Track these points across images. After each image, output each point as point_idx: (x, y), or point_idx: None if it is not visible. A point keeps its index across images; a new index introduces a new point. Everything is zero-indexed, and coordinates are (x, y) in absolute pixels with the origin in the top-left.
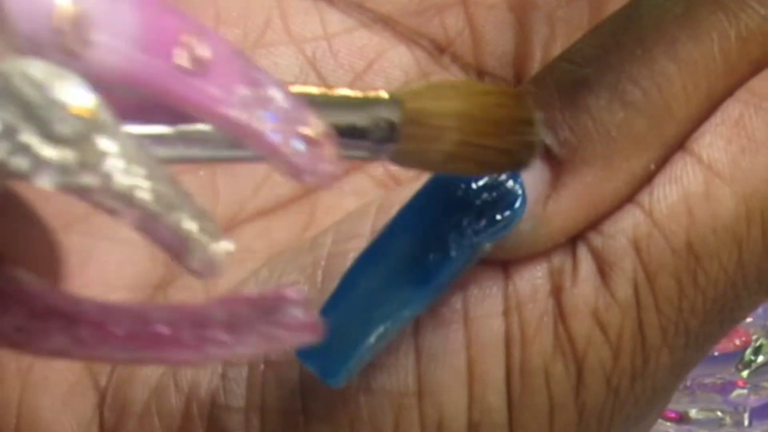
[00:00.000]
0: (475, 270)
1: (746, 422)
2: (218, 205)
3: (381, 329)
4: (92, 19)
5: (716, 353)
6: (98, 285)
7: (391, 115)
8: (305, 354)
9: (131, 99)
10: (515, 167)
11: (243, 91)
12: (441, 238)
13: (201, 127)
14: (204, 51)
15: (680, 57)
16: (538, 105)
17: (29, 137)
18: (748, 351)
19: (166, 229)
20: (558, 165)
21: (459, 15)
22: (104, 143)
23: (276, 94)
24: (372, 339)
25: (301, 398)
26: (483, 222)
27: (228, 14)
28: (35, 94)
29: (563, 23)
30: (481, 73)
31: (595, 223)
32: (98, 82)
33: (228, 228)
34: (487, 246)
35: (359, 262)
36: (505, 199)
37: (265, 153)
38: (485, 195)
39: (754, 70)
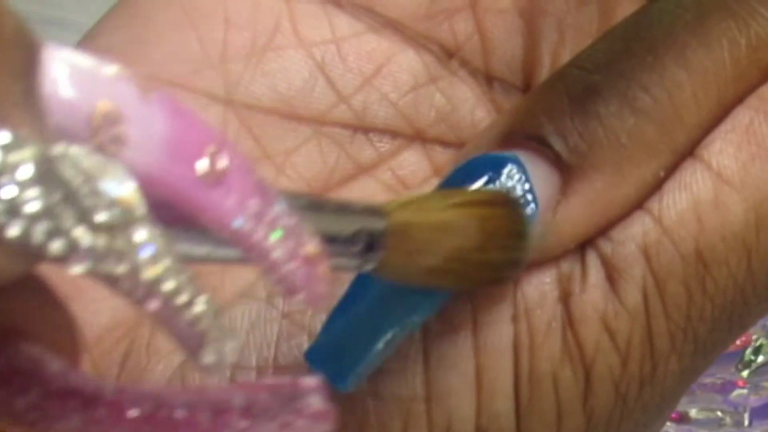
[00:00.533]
0: None
1: (746, 422)
2: None
3: (389, 335)
4: (127, 119)
5: None
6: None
7: (376, 225)
8: (314, 359)
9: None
10: (497, 282)
11: (254, 205)
12: None
13: None
14: (223, 162)
15: (691, 64)
16: (548, 111)
17: (69, 222)
18: (748, 351)
19: (184, 323)
20: (568, 171)
21: (468, 20)
22: (138, 233)
23: (281, 211)
24: (381, 344)
25: None
26: None
27: (237, 18)
28: (80, 180)
29: (572, 29)
30: (489, 79)
31: (604, 230)
32: None
33: None
34: None
35: None
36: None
37: (266, 267)
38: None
39: (764, 78)
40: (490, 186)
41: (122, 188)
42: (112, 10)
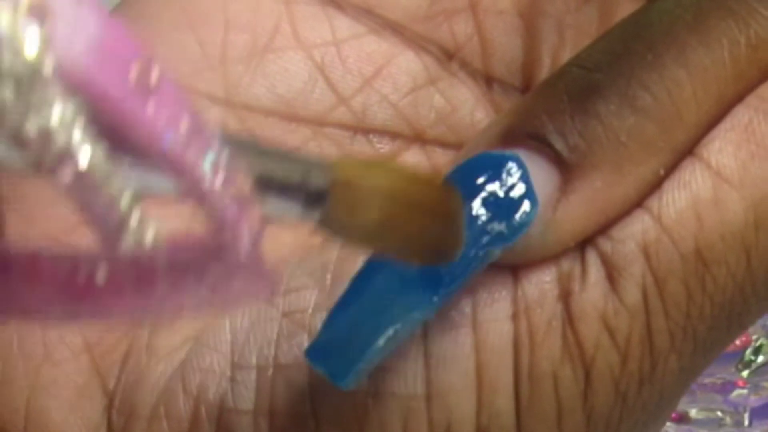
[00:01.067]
0: (484, 274)
1: (746, 422)
2: None
3: (390, 332)
4: (56, 15)
5: None
6: None
7: (319, 178)
8: (314, 356)
9: None
10: (433, 260)
11: (186, 125)
12: None
13: None
14: (154, 75)
15: (690, 63)
16: (548, 110)
17: None
18: (748, 351)
19: (101, 201)
20: (568, 170)
21: (468, 21)
22: (49, 91)
23: (215, 141)
24: (381, 342)
25: (310, 401)
26: (493, 227)
27: (237, 19)
28: None
29: (572, 30)
30: (489, 80)
31: (604, 228)
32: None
33: None
34: (497, 251)
35: (368, 265)
36: (515, 205)
37: (196, 197)
38: (495, 200)
39: (765, 77)
40: (490, 185)
41: (30, 40)
42: (113, 11)
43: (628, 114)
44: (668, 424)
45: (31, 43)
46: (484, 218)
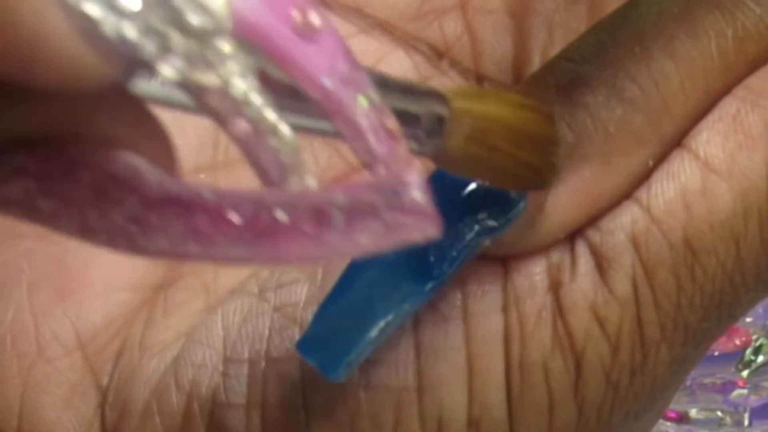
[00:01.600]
0: (474, 266)
1: (746, 422)
2: None
3: (381, 324)
4: None
5: (716, 353)
6: (99, 286)
7: (441, 109)
8: (306, 348)
9: None
10: (538, 186)
11: (344, 68)
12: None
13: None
14: (315, 19)
15: (678, 54)
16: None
17: (160, 23)
18: (748, 351)
19: (269, 149)
20: None
21: (458, 20)
22: (228, 45)
23: (368, 82)
24: (372, 333)
25: (302, 394)
26: (483, 218)
27: None
28: None
29: (562, 28)
30: (480, 78)
31: (593, 220)
32: None
33: None
34: (487, 242)
35: (359, 258)
36: (505, 196)
37: (349, 134)
38: (485, 191)
39: (752, 69)
40: None
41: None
42: None
43: (616, 105)
44: (668, 424)
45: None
46: (473, 209)
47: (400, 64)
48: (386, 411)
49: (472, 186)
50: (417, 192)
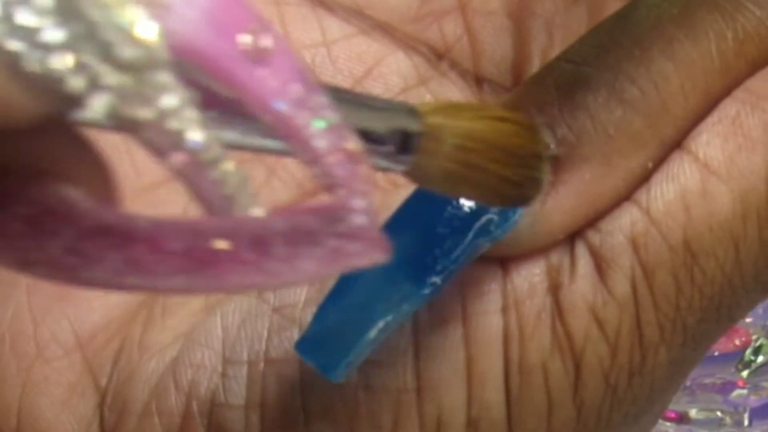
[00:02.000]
0: (473, 267)
1: (746, 422)
2: None
3: (380, 324)
4: None
5: (716, 353)
6: (97, 297)
7: (411, 125)
8: (305, 349)
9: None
10: (521, 202)
11: (298, 90)
12: (440, 235)
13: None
14: (267, 42)
15: (678, 56)
16: (537, 103)
17: (89, 57)
18: (748, 351)
19: (210, 182)
20: (556, 163)
21: (457, 21)
22: (163, 78)
23: (324, 102)
24: (371, 334)
25: (301, 395)
26: (483, 220)
27: None
28: (101, 15)
29: (562, 30)
30: (479, 80)
31: (593, 221)
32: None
33: None
34: (486, 243)
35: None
36: None
37: (306, 158)
38: None
39: (752, 71)
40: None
41: (146, 27)
42: None
43: (616, 107)
44: (668, 424)
45: (147, 31)
46: (473, 211)
47: (399, 66)
48: (385, 412)
49: None
50: (361, 217)
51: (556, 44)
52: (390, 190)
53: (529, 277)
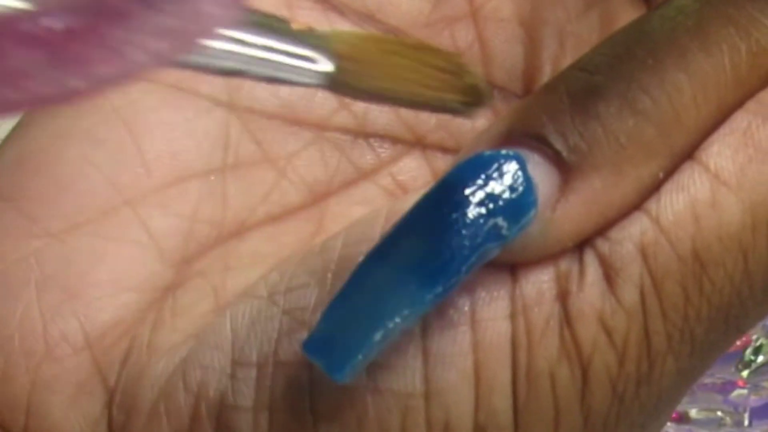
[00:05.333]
0: (482, 272)
1: (746, 422)
2: (228, 210)
3: (388, 326)
4: None
5: None
6: (108, 286)
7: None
8: (312, 348)
9: None
10: (465, 101)
11: None
12: (449, 239)
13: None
14: None
15: (691, 68)
16: (549, 111)
17: None
18: (748, 351)
19: None
20: (567, 170)
21: (469, 28)
22: None
23: None
24: (378, 336)
25: (310, 398)
26: (493, 225)
27: None
28: None
29: (573, 38)
30: (490, 86)
31: (602, 230)
32: None
33: (237, 233)
34: (495, 249)
35: (368, 259)
36: (514, 203)
37: None
38: (494, 198)
39: (765, 84)
40: (490, 183)
41: None
42: None
43: (628, 116)
44: (668, 424)
45: None
46: (483, 216)
47: None
48: (393, 416)
49: (482, 193)
50: None
51: (567, 52)
52: (399, 196)
53: (538, 283)
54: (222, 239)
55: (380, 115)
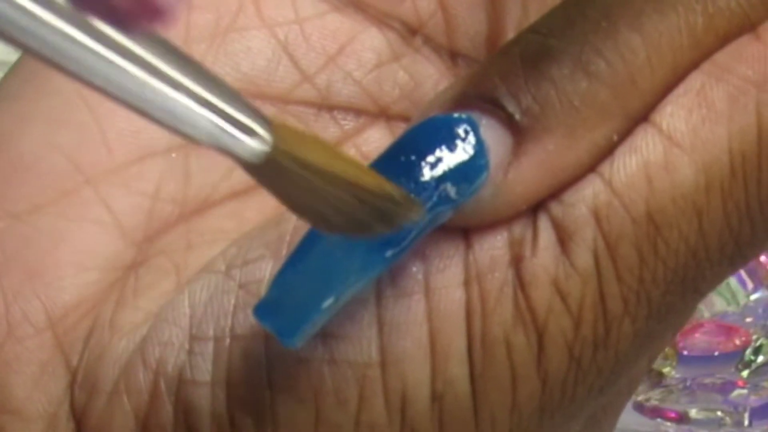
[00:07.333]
0: (435, 238)
1: (746, 422)
2: (190, 187)
3: (339, 290)
4: None
5: (716, 353)
6: (70, 266)
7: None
8: (262, 313)
9: None
10: (352, 231)
11: None
12: None
13: None
14: None
15: (645, 29)
16: (502, 73)
17: None
18: (748, 351)
19: None
20: (520, 133)
21: None
22: None
23: None
24: (329, 300)
25: (266, 371)
26: (444, 187)
27: None
28: None
29: (536, 3)
30: (454, 55)
31: (556, 193)
32: None
33: (200, 209)
34: (447, 212)
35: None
36: (466, 166)
37: None
38: (446, 161)
39: (721, 45)
40: (441, 146)
41: None
42: None
43: (582, 78)
44: (668, 424)
45: None
46: (434, 179)
47: (373, 42)
48: (350, 387)
49: (434, 156)
50: None
51: (531, 18)
52: None
53: (491, 249)
54: (184, 217)
55: (343, 88)
